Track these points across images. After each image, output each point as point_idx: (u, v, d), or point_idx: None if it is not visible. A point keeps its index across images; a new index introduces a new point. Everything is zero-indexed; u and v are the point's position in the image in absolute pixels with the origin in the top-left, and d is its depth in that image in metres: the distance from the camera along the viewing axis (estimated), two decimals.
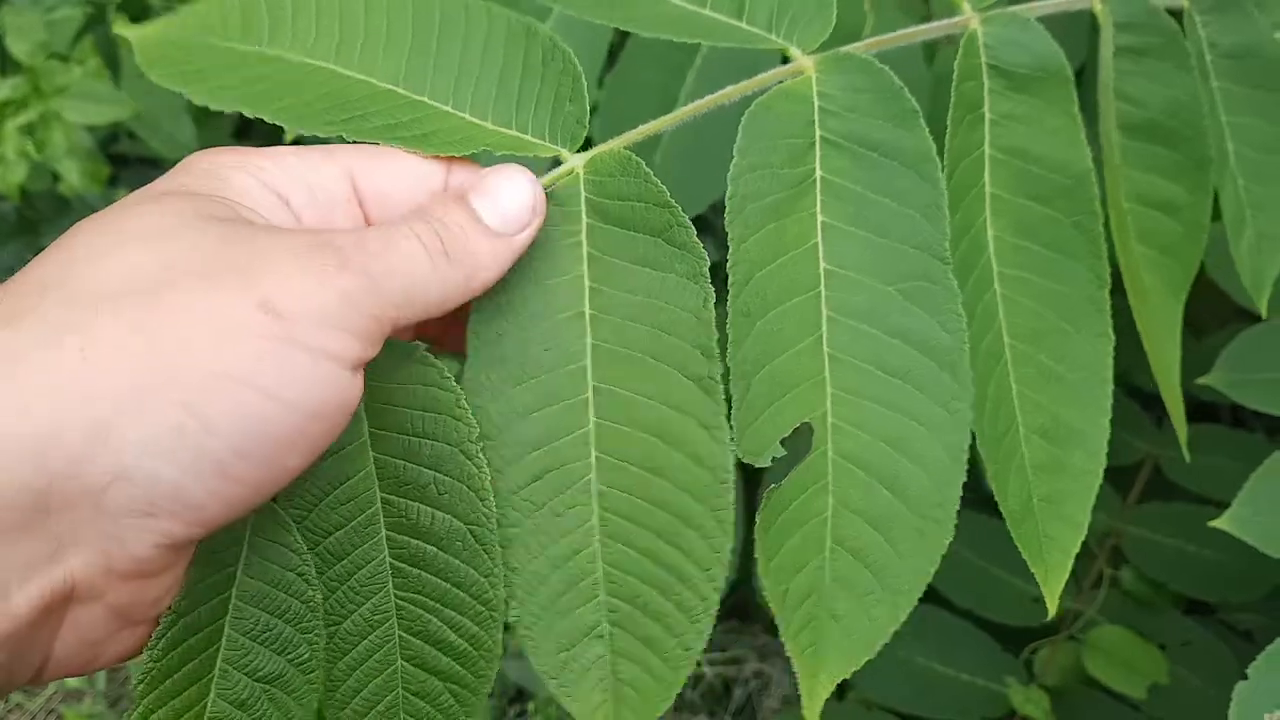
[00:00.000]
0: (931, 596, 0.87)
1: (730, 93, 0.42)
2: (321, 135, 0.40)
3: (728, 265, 0.40)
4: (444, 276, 0.35)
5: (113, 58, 1.12)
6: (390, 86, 0.41)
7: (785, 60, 0.43)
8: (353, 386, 0.31)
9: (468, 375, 0.39)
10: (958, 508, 0.40)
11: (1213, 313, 0.87)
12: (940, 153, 0.42)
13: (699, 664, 1.19)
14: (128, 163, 1.37)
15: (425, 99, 0.41)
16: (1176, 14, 0.48)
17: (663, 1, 0.44)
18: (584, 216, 0.40)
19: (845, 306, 0.41)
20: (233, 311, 0.28)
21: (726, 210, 0.40)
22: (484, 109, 0.41)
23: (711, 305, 0.39)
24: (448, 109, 0.41)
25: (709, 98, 0.42)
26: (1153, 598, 0.85)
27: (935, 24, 0.46)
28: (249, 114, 0.39)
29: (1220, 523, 0.53)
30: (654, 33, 0.42)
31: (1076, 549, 0.44)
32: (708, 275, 0.39)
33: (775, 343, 0.41)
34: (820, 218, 0.42)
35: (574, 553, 0.39)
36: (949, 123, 0.44)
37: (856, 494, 0.41)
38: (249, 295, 0.29)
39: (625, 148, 0.40)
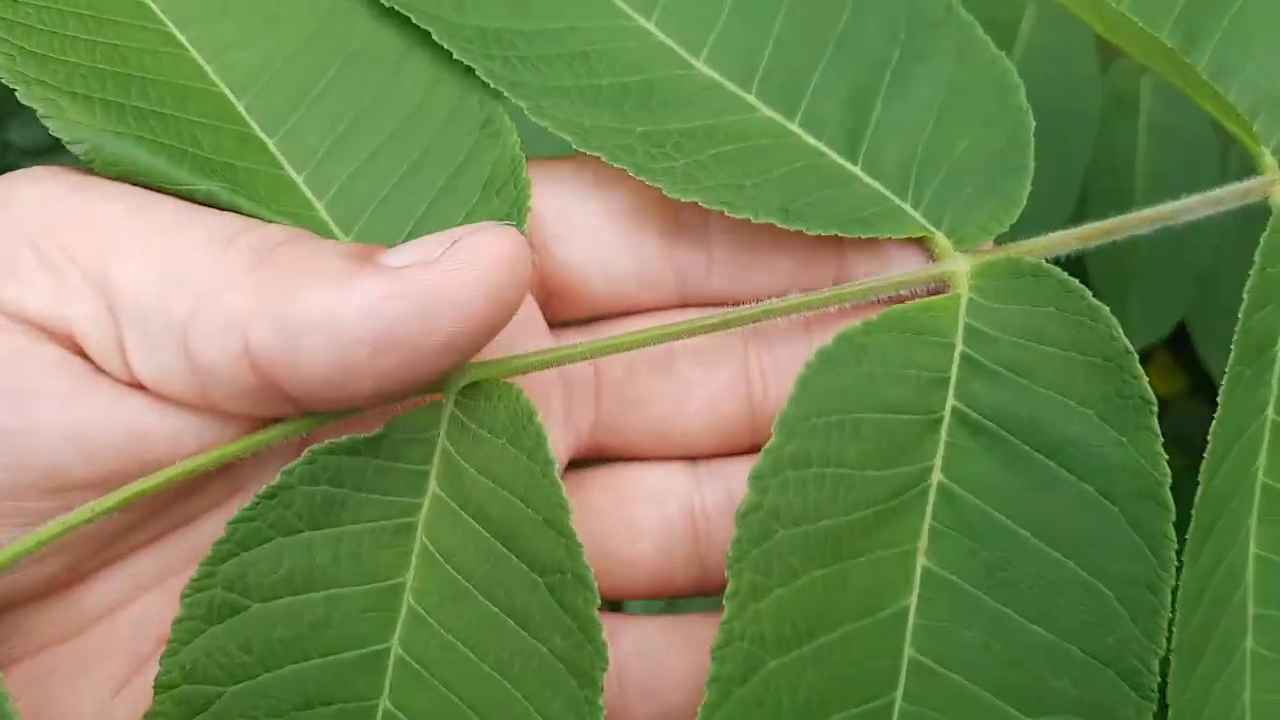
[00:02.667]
0: None
1: (800, 304, 0.23)
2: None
3: (712, 644, 0.20)
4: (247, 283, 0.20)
5: None
6: (248, 116, 0.24)
7: (934, 256, 0.24)
8: None
9: None
10: None
11: None
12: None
13: None
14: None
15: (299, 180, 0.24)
16: None
17: (733, 104, 0.25)
18: (435, 459, 0.22)
19: None
20: None
21: (732, 541, 0.21)
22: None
23: None
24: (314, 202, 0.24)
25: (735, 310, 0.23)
26: None
27: (1220, 191, 0.26)
28: None
29: None
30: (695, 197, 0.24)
31: None
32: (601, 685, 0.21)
33: None
34: (921, 561, 0.22)
35: None
36: (1224, 383, 0.24)
37: None
38: None
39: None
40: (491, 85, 0.24)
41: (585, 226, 0.25)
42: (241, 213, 0.23)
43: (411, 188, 0.24)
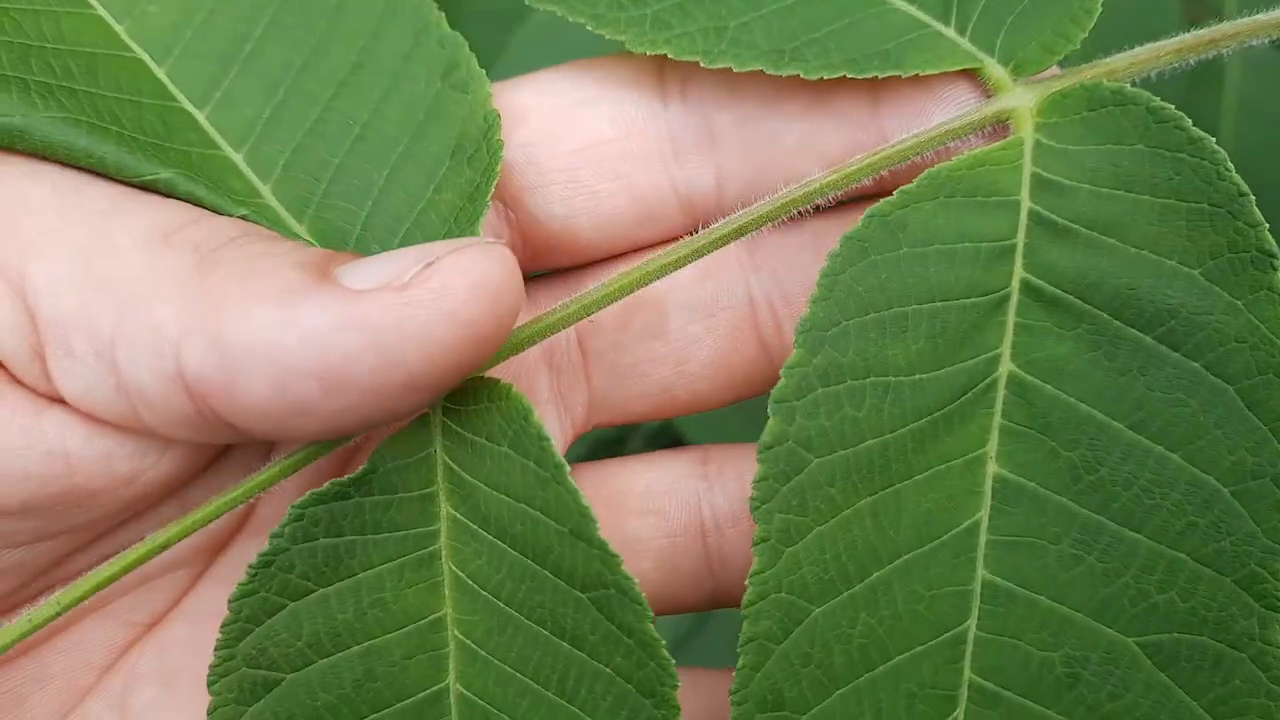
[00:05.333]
0: None
1: (790, 200, 0.19)
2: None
3: (744, 600, 0.17)
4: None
5: None
6: (172, 86, 0.20)
7: (987, 92, 0.19)
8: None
9: None
10: None
11: None
12: None
13: None
14: None
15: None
16: None
17: None
18: (439, 478, 0.19)
19: (1014, 681, 0.18)
20: None
21: (757, 475, 0.17)
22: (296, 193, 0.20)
23: None
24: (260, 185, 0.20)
25: (747, 211, 0.19)
26: None
27: None
28: None
29: None
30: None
31: None
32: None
33: None
34: (991, 468, 0.18)
35: None
36: None
37: None
38: None
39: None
40: None
41: (560, 169, 0.21)
42: (201, 205, 0.19)
43: (366, 156, 0.20)
